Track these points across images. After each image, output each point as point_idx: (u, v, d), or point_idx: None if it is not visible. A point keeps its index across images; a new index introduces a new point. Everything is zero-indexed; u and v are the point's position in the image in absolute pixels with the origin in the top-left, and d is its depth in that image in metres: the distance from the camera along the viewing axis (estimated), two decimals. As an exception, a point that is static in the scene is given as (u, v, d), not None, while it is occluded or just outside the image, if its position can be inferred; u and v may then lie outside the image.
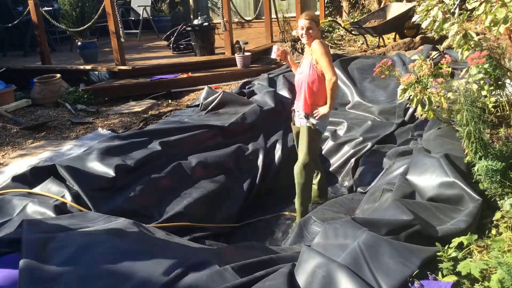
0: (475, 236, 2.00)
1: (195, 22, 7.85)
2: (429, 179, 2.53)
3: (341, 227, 2.12)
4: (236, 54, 7.25)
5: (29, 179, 3.37)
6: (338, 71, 5.41)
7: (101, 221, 2.74)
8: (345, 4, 9.71)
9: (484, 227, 2.14)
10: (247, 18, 10.22)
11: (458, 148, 2.74)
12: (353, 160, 4.20)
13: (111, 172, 3.42)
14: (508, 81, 2.87)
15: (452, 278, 1.81)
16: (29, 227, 2.48)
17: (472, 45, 2.77)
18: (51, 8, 8.64)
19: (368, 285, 1.77)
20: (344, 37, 8.24)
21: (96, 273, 2.17)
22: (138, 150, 3.82)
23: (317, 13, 9.81)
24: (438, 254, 1.94)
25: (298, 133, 3.67)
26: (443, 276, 1.86)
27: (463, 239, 1.97)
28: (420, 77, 2.77)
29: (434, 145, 2.87)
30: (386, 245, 1.94)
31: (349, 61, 5.86)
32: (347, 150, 4.33)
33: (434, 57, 3.71)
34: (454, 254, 1.92)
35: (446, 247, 1.96)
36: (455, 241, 1.98)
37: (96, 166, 3.49)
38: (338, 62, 5.67)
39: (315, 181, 3.82)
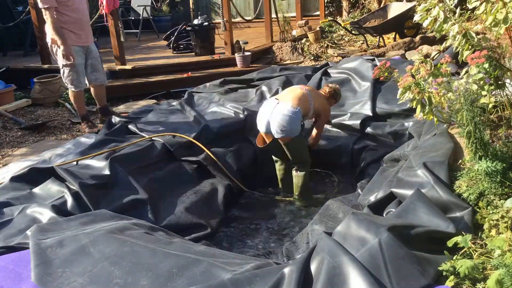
0: (470, 236, 1.99)
1: (195, 22, 7.84)
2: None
3: (364, 220, 2.07)
4: (236, 54, 7.25)
5: (28, 179, 3.37)
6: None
7: (102, 220, 2.74)
8: (345, 4, 9.70)
9: (483, 227, 2.14)
10: (247, 18, 10.21)
11: (444, 154, 2.70)
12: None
13: (107, 171, 3.44)
14: (508, 81, 2.86)
15: (452, 281, 1.80)
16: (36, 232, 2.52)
17: (473, 45, 2.75)
18: (51, 8, 8.62)
19: (381, 285, 1.72)
20: (344, 37, 8.23)
21: (95, 273, 2.18)
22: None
23: (317, 13, 9.81)
24: (445, 262, 1.90)
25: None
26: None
27: (458, 239, 1.96)
28: (417, 79, 2.75)
29: (422, 153, 2.82)
30: (407, 249, 1.88)
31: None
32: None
33: (434, 58, 3.71)
34: (460, 263, 1.89)
35: (454, 257, 1.92)
36: (451, 242, 1.97)
37: (94, 165, 3.51)
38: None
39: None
